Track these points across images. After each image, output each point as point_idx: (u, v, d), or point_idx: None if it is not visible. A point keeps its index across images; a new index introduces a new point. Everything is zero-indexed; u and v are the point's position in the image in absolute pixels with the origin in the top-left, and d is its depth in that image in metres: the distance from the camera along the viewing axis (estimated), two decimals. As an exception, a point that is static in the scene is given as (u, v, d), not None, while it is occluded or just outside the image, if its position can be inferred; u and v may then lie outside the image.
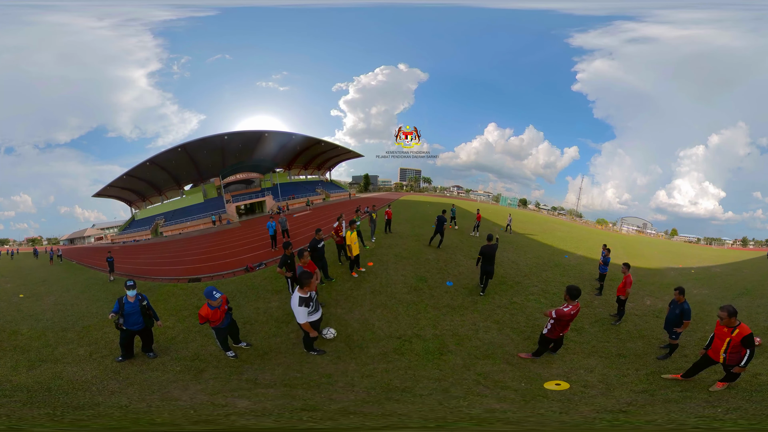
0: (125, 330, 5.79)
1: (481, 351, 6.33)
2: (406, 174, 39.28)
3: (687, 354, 6.24)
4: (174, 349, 6.30)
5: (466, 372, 5.58)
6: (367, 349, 6.27)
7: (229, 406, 4.42)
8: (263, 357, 5.95)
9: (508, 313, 8.00)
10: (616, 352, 6.46)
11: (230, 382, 5.15)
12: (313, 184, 35.64)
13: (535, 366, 5.81)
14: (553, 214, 35.67)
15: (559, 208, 35.82)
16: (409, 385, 5.10)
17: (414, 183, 39.10)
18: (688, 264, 18.12)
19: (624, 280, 7.91)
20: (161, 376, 5.38)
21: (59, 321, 8.61)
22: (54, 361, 6.10)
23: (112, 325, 7.33)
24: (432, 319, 7.55)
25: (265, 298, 8.59)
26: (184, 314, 8.09)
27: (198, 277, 12.13)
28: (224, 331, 5.78)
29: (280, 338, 6.58)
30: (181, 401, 4.54)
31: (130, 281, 5.84)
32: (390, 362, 5.84)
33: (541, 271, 11.89)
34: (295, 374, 5.39)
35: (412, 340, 6.65)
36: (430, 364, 5.82)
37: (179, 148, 28.08)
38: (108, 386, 5.09)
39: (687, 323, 6.07)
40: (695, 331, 7.20)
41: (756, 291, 11.48)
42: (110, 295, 10.73)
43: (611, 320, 8.00)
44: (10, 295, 12.47)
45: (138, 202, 31.88)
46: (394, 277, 9.72)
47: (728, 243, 28.86)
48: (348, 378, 5.29)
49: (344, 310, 7.78)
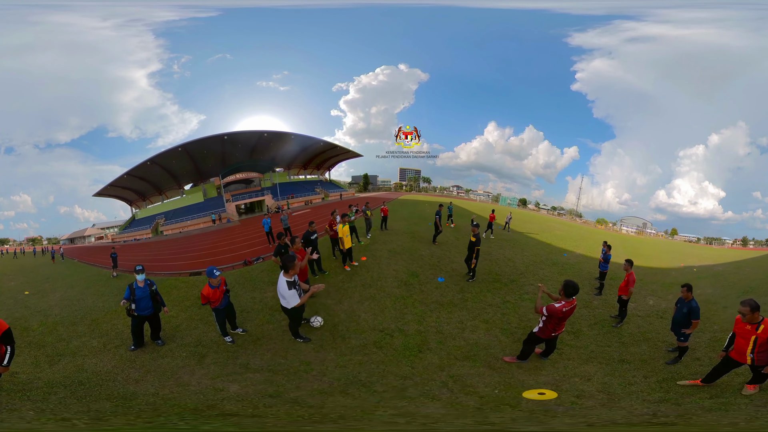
0: (136, 316, 6.09)
1: (463, 351, 6.08)
2: (406, 174, 39.35)
3: (699, 357, 5.84)
4: (179, 336, 6.68)
5: (438, 373, 5.40)
6: (348, 340, 6.38)
7: (225, 390, 4.83)
8: (256, 342, 6.33)
9: (500, 313, 7.72)
10: (618, 357, 5.96)
11: (227, 366, 5.58)
12: (312, 183, 35.78)
13: (520, 372, 5.40)
14: (553, 214, 35.58)
15: (559, 208, 35.76)
16: (373, 379, 5.19)
17: (414, 183, 39.14)
18: (689, 263, 17.93)
19: (626, 279, 7.37)
20: (171, 362, 5.75)
21: (68, 316, 8.71)
22: (72, 355, 6.22)
23: (120, 318, 7.79)
24: (418, 314, 7.50)
25: (261, 289, 8.94)
26: (187, 304, 8.39)
27: (198, 271, 12.50)
28: (222, 312, 6.19)
29: (272, 325, 6.92)
30: (191, 386, 5.02)
31: (139, 266, 6.16)
32: (366, 355, 5.93)
33: (538, 270, 11.69)
34: (281, 360, 5.69)
35: (394, 334, 6.65)
36: (404, 361, 5.77)
37: (180, 147, 28.28)
38: (130, 375, 5.41)
39: (696, 323, 5.55)
40: (704, 331, 6.83)
41: (760, 289, 11.27)
42: (115, 290, 10.98)
43: (612, 322, 7.50)
44: (15, 292, 12.55)
45: (138, 202, 32.11)
46: (386, 271, 9.77)
47: (728, 243, 28.67)
48: (323, 367, 5.50)
49: (334, 301, 7.89)
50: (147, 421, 4.23)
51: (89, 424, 4.18)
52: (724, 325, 7.26)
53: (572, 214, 34.55)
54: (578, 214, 34.26)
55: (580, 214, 34.24)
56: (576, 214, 34.36)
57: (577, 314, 7.59)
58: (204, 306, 6.68)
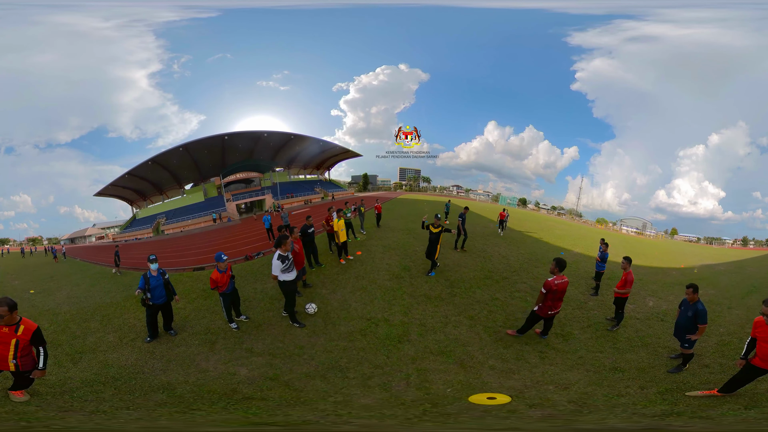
0: (151, 306, 6.30)
1: (440, 346, 6.10)
2: (406, 173, 39.41)
3: (708, 364, 5.37)
4: (189, 326, 7.04)
5: (408, 365, 5.55)
6: (338, 327, 6.77)
7: (237, 374, 5.27)
8: (258, 328, 6.85)
9: (486, 310, 7.67)
10: (610, 364, 5.49)
11: (235, 351, 6.04)
12: (312, 183, 35.93)
13: (490, 374, 5.29)
14: (553, 213, 35.53)
15: (559, 207, 35.68)
16: (351, 365, 5.53)
17: (413, 182, 39.19)
18: (690, 263, 17.75)
19: (624, 278, 6.81)
20: (186, 350, 6.13)
21: (78, 313, 8.76)
22: (92, 352, 6.29)
23: (131, 311, 8.07)
24: (405, 306, 7.74)
25: (262, 281, 9.38)
26: (193, 296, 8.72)
27: (202, 266, 12.98)
28: (228, 297, 6.70)
29: (272, 312, 7.42)
30: (209, 372, 5.42)
31: (152, 255, 6.42)
32: (351, 341, 6.29)
33: (533, 268, 11.49)
34: (279, 344, 6.19)
35: (380, 323, 6.94)
36: (383, 350, 6.02)
37: (181, 148, 28.50)
38: (155, 366, 5.64)
39: (703, 328, 5.01)
40: (709, 335, 6.35)
41: (764, 288, 10.97)
42: (121, 287, 11.20)
43: (607, 325, 7.02)
44: (20, 291, 12.56)
45: (139, 202, 32.32)
46: (379, 265, 10.01)
47: (728, 243, 28.54)
48: (313, 351, 5.93)
49: (328, 291, 8.34)
50: (223, 408, 4.44)
51: (176, 415, 4.29)
52: (730, 327, 6.93)
53: (572, 214, 34.49)
54: (578, 214, 34.21)
55: (580, 213, 34.19)
56: (576, 214, 34.30)
57: (569, 315, 7.46)
58: (209, 296, 7.45)
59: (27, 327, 4.14)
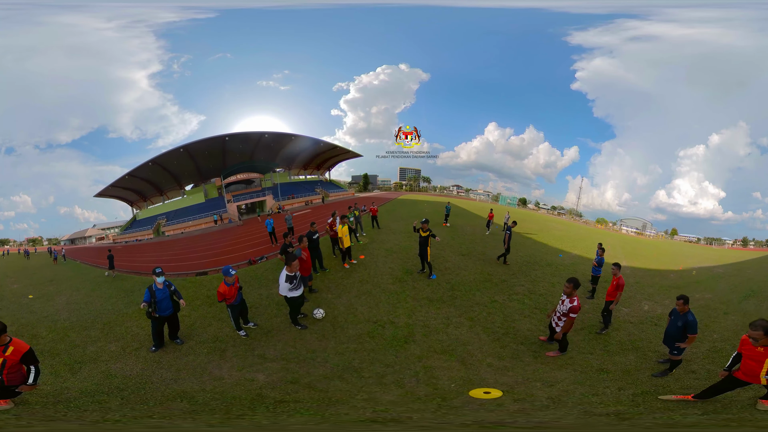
0: (157, 318, 6.16)
1: (443, 345, 6.46)
2: (406, 173, 39.48)
3: (695, 369, 5.45)
4: (196, 334, 6.93)
5: (416, 363, 5.84)
6: (346, 330, 6.91)
7: (255, 380, 5.25)
8: (267, 334, 6.83)
9: (485, 312, 7.90)
10: (598, 366, 5.68)
11: (247, 358, 5.98)
12: (312, 183, 35.95)
13: (487, 370, 5.65)
14: (553, 213, 35.61)
15: (559, 207, 35.77)
16: (364, 366, 5.70)
17: (413, 182, 39.24)
18: (688, 265, 17.76)
19: (614, 282, 6.95)
20: (196, 359, 6.02)
21: (77, 320, 8.49)
22: (92, 361, 6.10)
23: (133, 320, 7.85)
24: (409, 308, 7.93)
25: (267, 286, 9.41)
26: (197, 303, 8.62)
27: (205, 271, 12.79)
28: (237, 308, 6.59)
29: (280, 318, 7.43)
30: (225, 379, 5.34)
31: (158, 268, 6.27)
32: (360, 343, 6.45)
33: (531, 270, 11.61)
34: (291, 350, 6.24)
35: (386, 325, 7.13)
36: (391, 350, 6.24)
37: (181, 148, 28.47)
38: (165, 376, 5.49)
39: (692, 338, 5.09)
40: (702, 341, 6.44)
41: (762, 292, 10.78)
42: (122, 292, 10.94)
43: (600, 327, 7.22)
44: (19, 296, 12.28)
45: (139, 202, 32.32)
46: (383, 268, 10.15)
47: (728, 243, 28.64)
48: (326, 354, 6.05)
49: (334, 295, 8.49)
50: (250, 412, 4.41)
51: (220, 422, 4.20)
52: (724, 334, 6.99)
53: (572, 214, 34.58)
54: (578, 214, 34.29)
55: (580, 213, 34.28)
56: (576, 214, 34.39)
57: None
58: (214, 303, 7.27)
59: (17, 348, 4.08)
